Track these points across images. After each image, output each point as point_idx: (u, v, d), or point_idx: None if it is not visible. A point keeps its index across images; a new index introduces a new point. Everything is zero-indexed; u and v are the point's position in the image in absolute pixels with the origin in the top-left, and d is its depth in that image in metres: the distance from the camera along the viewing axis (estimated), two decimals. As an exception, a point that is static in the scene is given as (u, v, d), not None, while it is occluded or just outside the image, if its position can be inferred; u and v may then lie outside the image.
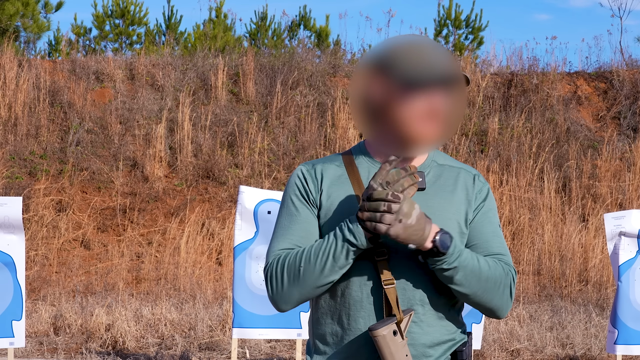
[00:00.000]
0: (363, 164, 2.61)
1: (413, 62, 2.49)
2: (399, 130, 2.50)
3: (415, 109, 2.48)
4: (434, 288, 2.52)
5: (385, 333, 2.41)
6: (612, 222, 6.95)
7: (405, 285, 2.49)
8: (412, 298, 2.50)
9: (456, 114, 2.56)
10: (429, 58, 2.50)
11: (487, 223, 2.62)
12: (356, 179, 2.57)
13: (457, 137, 13.47)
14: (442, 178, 2.60)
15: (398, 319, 2.45)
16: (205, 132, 13.09)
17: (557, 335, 8.84)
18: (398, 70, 2.49)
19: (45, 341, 8.61)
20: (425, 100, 2.48)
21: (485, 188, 2.65)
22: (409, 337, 2.49)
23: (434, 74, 2.47)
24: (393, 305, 2.46)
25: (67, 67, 13.81)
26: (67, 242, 11.50)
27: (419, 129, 2.49)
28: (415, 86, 2.47)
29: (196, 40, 16.89)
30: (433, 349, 2.53)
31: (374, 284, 2.49)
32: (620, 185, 13.09)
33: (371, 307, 2.50)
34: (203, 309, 9.43)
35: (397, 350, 2.43)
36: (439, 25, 18.17)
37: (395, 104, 2.50)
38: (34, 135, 12.74)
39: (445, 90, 2.50)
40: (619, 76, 14.74)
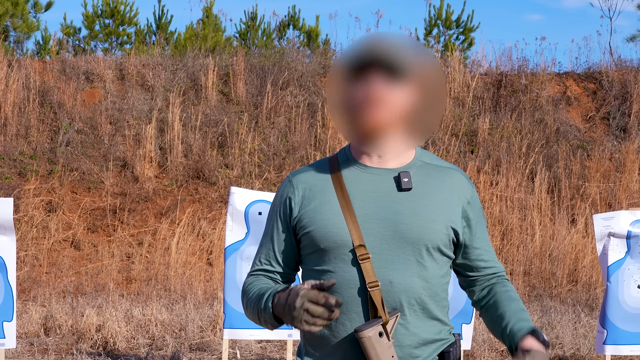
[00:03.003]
0: (347, 166, 2.62)
1: (357, 52, 2.52)
2: (351, 124, 2.54)
3: (356, 97, 2.50)
4: (420, 289, 2.53)
5: (371, 334, 2.44)
6: (601, 223, 6.98)
7: (391, 287, 2.51)
8: (398, 299, 2.51)
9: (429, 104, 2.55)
10: (371, 46, 2.51)
11: (481, 228, 2.65)
12: (339, 184, 2.58)
13: (447, 138, 13.50)
14: (429, 178, 2.60)
15: (384, 321, 2.47)
16: (196, 132, 13.09)
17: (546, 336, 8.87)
18: (343, 60, 2.54)
19: (35, 342, 8.60)
20: (364, 88, 2.49)
21: (474, 190, 2.67)
22: (395, 338, 2.51)
23: (368, 59, 2.48)
24: (378, 307, 2.48)
25: (57, 67, 13.78)
26: (57, 243, 11.49)
27: (363, 118, 2.50)
28: (354, 74, 2.50)
29: (186, 41, 16.88)
30: (420, 350, 2.55)
31: (359, 287, 2.51)
32: (609, 186, 13.14)
33: (358, 310, 2.52)
34: (194, 309, 9.44)
35: (383, 351, 2.45)
36: (430, 25, 18.20)
37: (341, 97, 2.53)
38: (24, 136, 12.71)
39: (389, 77, 2.49)
40: (608, 77, 14.80)
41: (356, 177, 2.58)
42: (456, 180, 2.62)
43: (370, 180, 2.57)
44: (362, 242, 2.50)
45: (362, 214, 2.53)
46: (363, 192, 2.56)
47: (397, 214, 2.52)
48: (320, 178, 2.62)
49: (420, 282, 2.52)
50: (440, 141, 13.45)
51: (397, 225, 2.52)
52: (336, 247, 2.53)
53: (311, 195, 2.60)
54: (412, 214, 2.52)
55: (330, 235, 2.53)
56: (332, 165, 2.63)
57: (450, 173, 2.63)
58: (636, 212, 7.03)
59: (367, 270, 2.49)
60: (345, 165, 2.61)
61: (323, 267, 2.56)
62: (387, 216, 2.52)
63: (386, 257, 2.51)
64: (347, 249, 2.52)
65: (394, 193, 2.55)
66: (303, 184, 2.63)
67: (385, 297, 2.50)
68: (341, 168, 2.61)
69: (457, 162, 13.13)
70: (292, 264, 2.68)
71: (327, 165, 2.65)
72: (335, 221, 2.53)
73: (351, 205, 2.54)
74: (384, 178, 2.57)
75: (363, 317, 2.51)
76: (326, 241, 2.53)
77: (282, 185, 2.69)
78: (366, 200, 2.55)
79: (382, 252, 2.51)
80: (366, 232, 2.52)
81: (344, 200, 2.54)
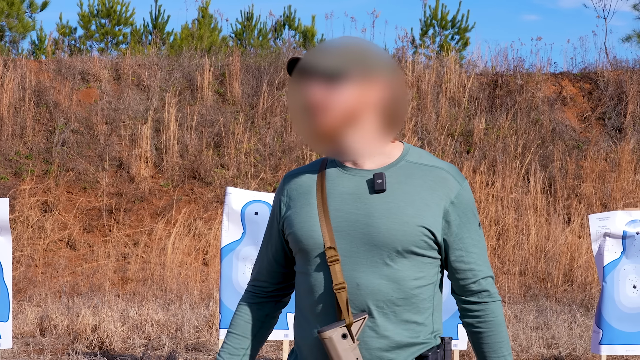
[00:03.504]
0: (332, 167, 2.63)
1: (298, 64, 2.55)
2: (299, 130, 2.59)
3: (297, 105, 2.54)
4: (389, 292, 2.50)
5: (333, 335, 2.45)
6: (597, 223, 6.99)
7: (358, 290, 2.50)
8: (365, 302, 2.50)
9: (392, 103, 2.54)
10: (313, 50, 2.55)
11: (466, 229, 2.59)
12: (321, 186, 2.60)
13: (443, 138, 13.51)
14: (409, 178, 2.57)
15: (347, 322, 2.47)
16: (192, 132, 13.09)
17: (542, 336, 8.89)
18: (293, 72, 2.58)
19: (31, 342, 8.59)
20: (302, 96, 2.52)
21: (463, 189, 2.59)
22: (362, 341, 2.50)
23: (306, 65, 2.51)
24: (342, 308, 2.48)
25: (53, 67, 13.77)
26: (53, 243, 11.48)
27: (303, 124, 2.54)
28: (296, 79, 2.54)
29: (182, 41, 16.87)
30: (393, 353, 2.52)
31: (329, 289, 2.52)
32: (605, 186, 13.16)
33: (328, 312, 2.53)
34: (190, 309, 9.44)
35: (346, 353, 2.46)
36: (425, 26, 18.21)
37: (298, 104, 2.57)
38: (19, 136, 12.70)
39: (324, 80, 2.49)
40: (604, 77, 14.82)
41: (337, 179, 2.59)
42: (440, 179, 2.57)
43: (348, 182, 2.57)
44: (333, 244, 2.51)
45: (336, 216, 2.54)
46: (340, 193, 2.56)
47: (368, 216, 2.51)
48: (308, 179, 2.64)
49: (389, 285, 2.50)
50: (435, 141, 13.47)
51: (366, 228, 2.51)
52: (310, 249, 2.55)
53: (297, 196, 2.63)
54: (383, 216, 2.50)
55: (305, 236, 2.55)
56: (321, 167, 2.65)
57: (435, 172, 2.58)
58: (632, 212, 7.04)
59: (336, 272, 2.50)
60: (330, 166, 2.63)
61: (301, 269, 2.60)
62: (358, 218, 2.52)
63: (355, 260, 2.51)
64: (319, 251, 2.53)
65: (368, 195, 2.54)
66: (292, 184, 2.67)
67: (352, 299, 2.50)
68: (327, 169, 2.63)
69: (453, 162, 13.14)
70: (280, 276, 2.74)
71: (318, 166, 2.67)
72: (311, 223, 2.55)
73: (327, 207, 2.55)
74: (361, 179, 2.56)
75: (333, 319, 2.51)
76: (302, 243, 2.56)
77: (278, 186, 2.75)
78: (342, 202, 2.55)
79: (352, 255, 2.51)
80: (338, 234, 2.52)
81: (322, 201, 2.56)
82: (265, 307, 2.76)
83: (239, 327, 2.74)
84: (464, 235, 2.58)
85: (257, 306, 2.75)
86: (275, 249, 2.71)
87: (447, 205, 2.55)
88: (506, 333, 2.63)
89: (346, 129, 2.52)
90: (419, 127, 13.69)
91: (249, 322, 2.74)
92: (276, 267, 2.72)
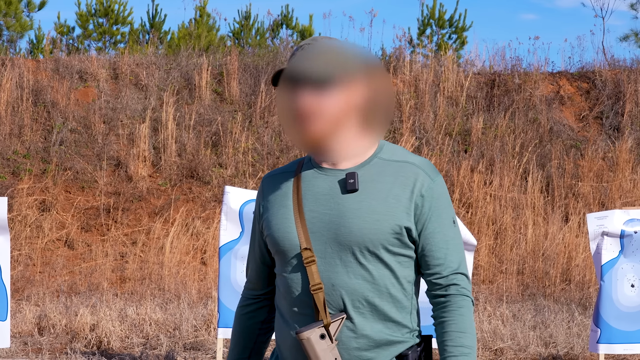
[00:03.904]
0: (308, 168, 2.64)
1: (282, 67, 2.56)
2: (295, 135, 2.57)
3: (285, 112, 2.54)
4: (365, 291, 2.51)
5: (311, 336, 2.47)
6: (595, 222, 7.00)
7: (333, 290, 2.51)
8: (342, 302, 2.51)
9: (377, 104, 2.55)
10: (298, 58, 2.53)
11: (436, 223, 2.56)
12: (297, 187, 2.61)
13: (441, 137, 13.52)
14: (381, 175, 2.56)
15: (325, 323, 2.48)
16: (189, 131, 13.09)
17: (540, 334, 8.89)
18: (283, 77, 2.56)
19: (29, 341, 8.59)
20: (291, 102, 2.52)
21: (435, 183, 2.57)
22: (341, 341, 2.51)
23: (293, 73, 2.51)
24: (320, 309, 2.49)
25: (51, 67, 13.77)
26: (51, 242, 11.48)
27: (294, 132, 2.54)
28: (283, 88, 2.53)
29: (180, 40, 16.87)
30: (372, 352, 2.53)
31: (307, 290, 2.53)
32: (602, 185, 13.17)
33: (306, 312, 2.54)
34: (188, 308, 9.44)
35: (324, 353, 2.47)
36: (423, 25, 18.22)
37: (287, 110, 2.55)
38: (17, 135, 12.70)
39: (313, 87, 2.49)
40: (602, 76, 14.83)
41: (312, 180, 2.59)
42: (410, 174, 2.55)
43: (323, 182, 2.58)
44: (308, 245, 2.53)
45: (311, 217, 2.55)
46: (315, 194, 2.57)
47: (340, 216, 2.52)
48: (285, 180, 2.65)
49: (364, 284, 2.50)
50: (433, 140, 13.47)
51: (338, 228, 2.51)
52: (287, 250, 2.56)
53: (274, 198, 2.64)
54: (354, 216, 2.51)
55: (282, 238, 2.57)
56: (298, 167, 2.65)
57: (406, 167, 2.57)
58: (629, 211, 7.05)
59: (312, 273, 2.51)
60: (307, 167, 2.63)
61: (279, 271, 2.62)
62: (332, 219, 2.53)
63: (329, 260, 2.52)
64: (295, 252, 2.54)
65: (341, 195, 2.54)
66: (270, 186, 2.68)
67: (329, 299, 2.51)
68: (303, 170, 2.63)
69: (451, 161, 13.15)
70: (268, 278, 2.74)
71: (295, 166, 2.67)
72: (287, 224, 2.57)
73: (302, 208, 2.56)
74: (334, 179, 2.57)
75: (311, 320, 2.52)
76: (279, 245, 2.57)
77: (259, 187, 2.76)
78: (316, 202, 2.56)
79: (326, 255, 2.52)
80: (313, 235, 2.54)
81: (297, 203, 2.57)
82: (259, 314, 2.78)
83: (237, 338, 2.81)
84: (434, 229, 2.55)
85: (250, 315, 2.78)
86: (260, 251, 2.72)
87: (417, 199, 2.54)
88: (472, 329, 2.55)
89: (336, 133, 2.54)
90: (417, 126, 13.69)
91: (246, 331, 2.79)
92: (263, 268, 2.73)
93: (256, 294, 2.77)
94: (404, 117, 13.66)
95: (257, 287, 2.77)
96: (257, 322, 2.78)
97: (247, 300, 2.79)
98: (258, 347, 2.80)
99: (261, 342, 2.80)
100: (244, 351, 2.79)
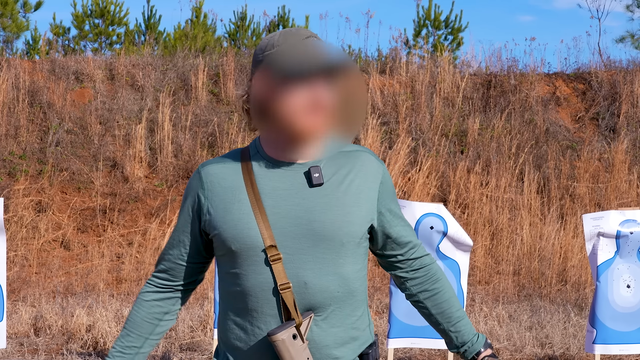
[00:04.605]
0: (258, 161, 2.54)
1: (293, 55, 2.43)
2: (285, 125, 2.45)
3: (298, 101, 2.42)
4: (337, 288, 2.49)
5: (285, 337, 2.41)
6: (591, 223, 7.01)
7: (305, 288, 2.46)
8: (314, 300, 2.47)
9: (352, 103, 2.50)
10: (309, 49, 2.44)
11: (395, 204, 2.62)
12: (250, 179, 2.52)
13: (437, 138, 13.53)
14: (339, 167, 2.54)
15: (297, 323, 2.43)
16: (186, 132, 13.08)
17: (536, 335, 8.90)
18: (278, 64, 2.44)
19: (25, 342, 8.58)
20: (307, 93, 2.42)
21: (384, 167, 2.61)
22: (311, 339, 2.48)
23: (314, 65, 2.42)
24: (291, 309, 2.43)
25: (47, 67, 13.76)
26: (47, 243, 11.47)
27: (303, 122, 2.43)
28: (296, 79, 2.41)
29: (176, 41, 16.86)
30: (338, 350, 2.52)
31: (273, 289, 2.46)
32: (598, 186, 13.19)
33: (273, 312, 2.47)
34: (184, 309, 9.44)
35: (298, 353, 2.43)
36: (418, 26, 18.23)
37: (278, 99, 2.44)
38: (13, 136, 12.68)
39: (328, 80, 2.44)
40: (597, 77, 14.85)
41: (267, 174, 2.51)
42: (367, 163, 2.57)
43: (282, 177, 2.51)
44: (273, 242, 2.44)
45: (273, 213, 2.47)
46: (274, 189, 2.49)
47: (310, 211, 2.47)
48: (231, 172, 2.54)
49: (336, 281, 2.48)
50: (430, 141, 13.48)
51: (310, 223, 2.46)
52: (247, 248, 2.46)
53: (221, 191, 2.53)
54: (325, 210, 2.47)
55: (240, 236, 2.46)
56: (243, 159, 2.56)
57: (360, 157, 2.57)
58: (625, 212, 7.06)
59: (279, 271, 2.44)
60: (256, 160, 2.54)
61: (235, 270, 2.50)
62: (300, 214, 2.47)
63: (300, 257, 2.46)
64: (258, 250, 2.45)
65: (306, 189, 2.49)
66: (212, 177, 2.56)
67: (299, 298, 2.46)
68: (252, 163, 2.54)
69: (447, 162, 13.16)
70: (191, 273, 2.65)
71: (238, 158, 2.58)
72: (246, 221, 2.47)
73: (262, 203, 2.47)
74: (295, 174, 2.51)
75: (279, 320, 2.47)
76: (237, 242, 2.47)
77: (192, 177, 2.62)
78: (277, 198, 2.48)
79: (295, 252, 2.46)
80: (278, 231, 2.45)
81: (255, 198, 2.48)
82: (167, 304, 2.67)
83: (135, 325, 2.66)
84: (396, 211, 2.62)
85: (157, 303, 2.66)
86: (191, 247, 2.61)
87: (379, 186, 2.57)
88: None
89: (329, 129, 2.50)
90: (413, 127, 13.70)
91: (147, 320, 2.66)
92: (190, 264, 2.63)
93: (171, 284, 2.65)
94: (400, 118, 13.67)
95: (175, 279, 2.65)
96: (161, 312, 2.66)
97: (157, 288, 2.65)
98: (152, 340, 2.67)
99: (157, 334, 2.67)
100: (138, 339, 2.65)
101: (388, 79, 14.40)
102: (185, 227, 2.61)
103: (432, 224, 6.65)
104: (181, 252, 2.62)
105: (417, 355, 8.32)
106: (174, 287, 2.66)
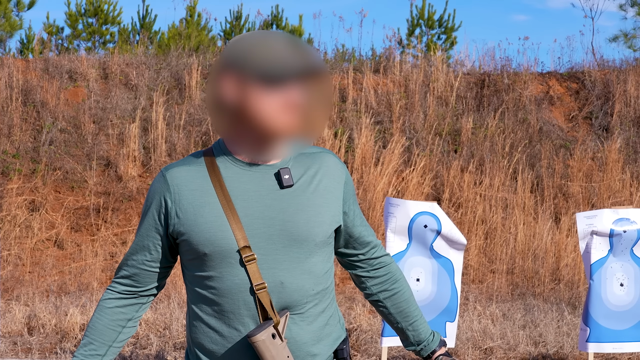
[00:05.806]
0: (224, 163, 2.53)
1: (267, 57, 2.42)
2: (257, 127, 2.44)
3: (273, 103, 2.41)
4: (311, 286, 2.52)
5: (264, 337, 2.42)
6: (584, 222, 7.02)
7: (282, 288, 2.48)
8: (290, 299, 2.49)
9: (321, 105, 2.50)
10: (283, 52, 2.42)
11: (356, 204, 2.67)
12: (218, 182, 2.50)
13: (431, 137, 13.54)
14: (306, 168, 2.56)
15: (275, 322, 2.45)
16: (179, 131, 13.08)
17: (529, 334, 8.92)
18: (252, 66, 2.42)
19: (19, 341, 8.57)
20: (281, 93, 2.41)
21: (345, 168, 2.64)
22: (290, 338, 2.50)
23: (289, 68, 2.41)
24: (268, 309, 2.45)
25: (40, 66, 13.74)
26: (41, 242, 11.45)
27: (276, 121, 2.42)
28: (271, 81, 2.40)
29: (170, 40, 16.85)
30: (315, 347, 2.55)
31: (249, 290, 2.47)
32: (592, 185, 13.21)
33: (250, 313, 2.48)
34: (178, 308, 9.43)
35: (278, 353, 2.44)
36: (412, 25, 18.24)
37: (251, 101, 2.42)
38: (7, 135, 12.67)
39: (303, 82, 2.43)
40: (591, 76, 14.87)
41: (236, 176, 2.51)
42: (331, 164, 2.59)
43: (251, 179, 2.50)
44: (247, 243, 2.45)
45: (245, 215, 2.47)
46: (245, 191, 2.49)
47: (283, 212, 2.48)
48: (197, 175, 2.52)
49: (311, 279, 2.51)
50: (423, 140, 13.49)
51: (283, 224, 2.48)
52: (221, 250, 2.46)
53: (189, 194, 2.51)
54: (298, 210, 2.49)
55: (214, 239, 2.46)
56: (208, 162, 2.54)
57: (323, 158, 2.59)
58: (619, 211, 7.08)
59: (254, 272, 2.45)
60: (222, 162, 2.53)
61: (209, 273, 2.49)
62: (273, 215, 2.48)
63: (274, 257, 2.47)
64: (232, 252, 2.45)
65: (277, 191, 2.50)
66: (179, 181, 2.53)
67: (276, 298, 2.47)
68: (219, 165, 2.53)
69: (441, 161, 13.17)
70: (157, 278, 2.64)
71: (202, 161, 2.55)
72: (219, 223, 2.46)
73: (233, 205, 2.47)
74: (264, 175, 2.51)
75: (256, 320, 2.47)
76: (210, 245, 2.46)
77: (156, 181, 2.59)
78: (248, 199, 2.48)
79: (270, 253, 2.47)
80: (251, 233, 2.46)
81: (225, 200, 2.47)
82: (130, 310, 2.65)
83: (98, 333, 2.64)
84: (358, 212, 2.67)
85: (120, 310, 2.64)
86: (156, 252, 2.59)
87: (343, 187, 2.61)
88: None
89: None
90: (407, 126, 13.71)
91: (110, 327, 2.64)
92: (154, 269, 2.61)
93: (134, 290, 2.64)
94: (394, 117, 13.68)
95: (138, 284, 2.63)
96: (124, 319, 2.65)
97: (120, 294, 2.63)
98: (115, 347, 2.67)
99: (120, 341, 2.67)
100: (101, 347, 2.63)
101: (382, 78, 14.41)
102: (149, 231, 2.58)
103: (426, 223, 6.65)
104: (146, 257, 2.60)
105: (410, 354, 8.33)
106: (137, 292, 2.64)
